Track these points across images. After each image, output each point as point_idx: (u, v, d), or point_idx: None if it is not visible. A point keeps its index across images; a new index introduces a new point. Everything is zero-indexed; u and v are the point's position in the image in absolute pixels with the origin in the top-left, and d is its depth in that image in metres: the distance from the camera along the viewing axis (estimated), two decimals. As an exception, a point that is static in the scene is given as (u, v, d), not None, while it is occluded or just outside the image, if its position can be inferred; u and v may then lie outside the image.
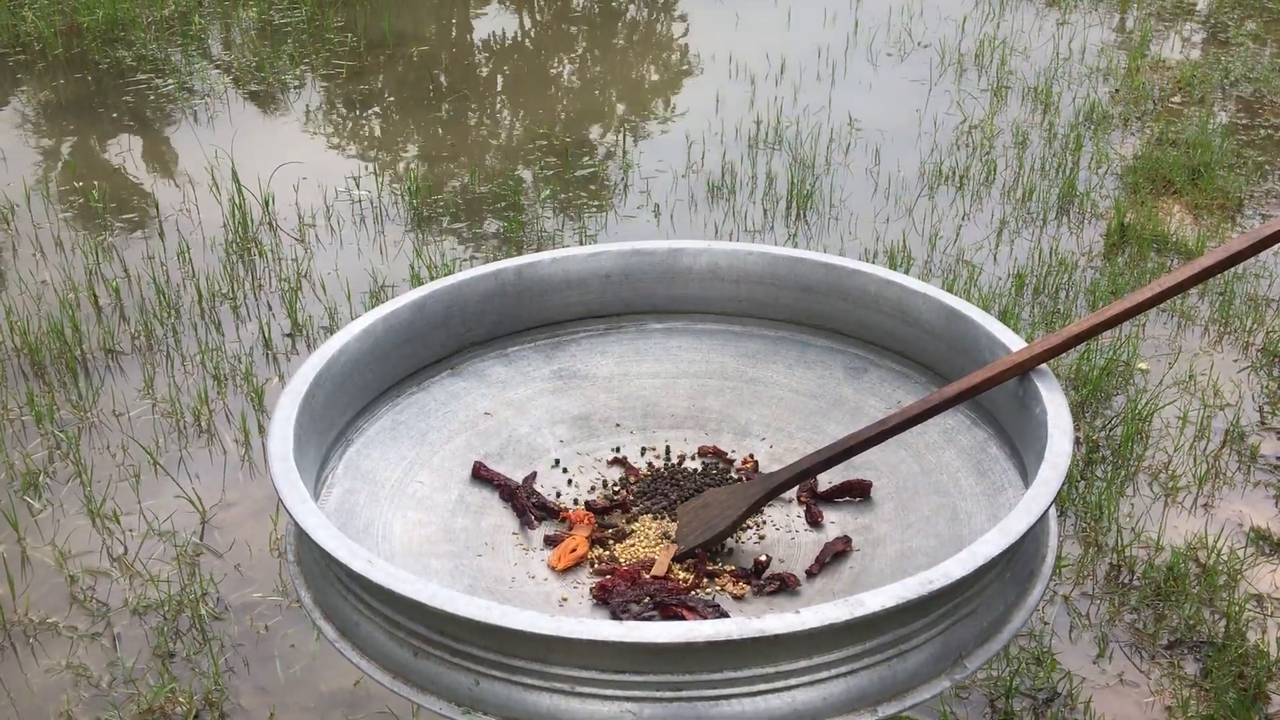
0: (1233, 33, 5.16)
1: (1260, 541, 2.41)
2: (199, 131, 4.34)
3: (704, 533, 1.49)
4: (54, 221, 3.72)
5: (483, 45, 5.32)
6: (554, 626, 1.13)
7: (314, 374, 1.51)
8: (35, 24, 5.16)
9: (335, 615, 1.35)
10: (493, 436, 1.70)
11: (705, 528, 1.50)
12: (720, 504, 1.52)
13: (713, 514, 1.51)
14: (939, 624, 1.24)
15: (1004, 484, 1.53)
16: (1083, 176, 3.91)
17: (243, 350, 3.06)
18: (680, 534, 1.51)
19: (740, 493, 1.52)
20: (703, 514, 1.52)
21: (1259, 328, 3.10)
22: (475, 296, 1.75)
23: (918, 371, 1.72)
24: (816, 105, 4.43)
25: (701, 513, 1.52)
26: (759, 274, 1.80)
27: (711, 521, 1.50)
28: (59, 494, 2.57)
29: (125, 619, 2.25)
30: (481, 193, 3.88)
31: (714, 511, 1.51)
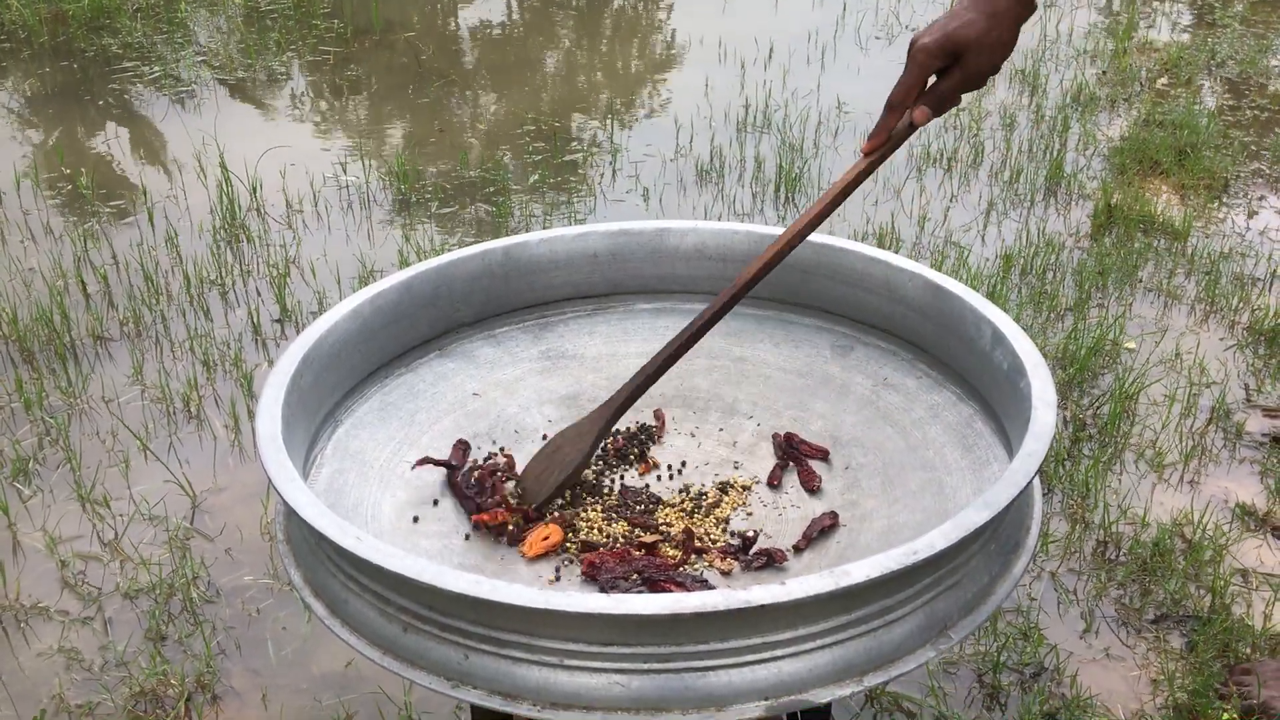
0: (1219, 15, 5.18)
1: (1245, 517, 2.43)
2: (186, 118, 4.33)
3: (560, 473, 1.49)
4: (42, 209, 3.71)
5: (470, 31, 5.31)
6: (542, 600, 1.14)
7: (302, 354, 1.51)
8: (20, 11, 5.13)
9: (325, 593, 1.35)
10: (481, 417, 1.70)
11: (561, 468, 1.49)
12: (571, 441, 1.52)
13: (565, 454, 1.50)
14: (924, 595, 1.25)
15: (989, 458, 1.54)
16: (1070, 158, 3.92)
17: (231, 336, 3.06)
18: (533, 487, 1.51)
19: (587, 423, 1.53)
20: (555, 458, 1.51)
21: (1245, 306, 3.12)
22: (463, 277, 1.75)
23: (904, 349, 1.73)
24: (805, 89, 4.44)
25: (554, 457, 1.51)
26: (746, 253, 1.81)
27: (565, 461, 1.50)
28: (49, 480, 2.57)
29: (116, 603, 2.25)
30: (469, 178, 3.88)
31: (566, 451, 1.51)
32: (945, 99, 1.43)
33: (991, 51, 1.38)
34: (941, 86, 1.42)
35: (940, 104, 1.43)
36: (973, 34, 1.37)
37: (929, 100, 1.43)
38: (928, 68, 1.40)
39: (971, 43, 1.37)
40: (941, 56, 1.39)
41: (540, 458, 1.55)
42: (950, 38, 1.37)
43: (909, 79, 1.41)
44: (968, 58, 1.38)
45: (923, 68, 1.40)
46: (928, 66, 1.40)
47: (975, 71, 1.39)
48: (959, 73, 1.40)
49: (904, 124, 1.44)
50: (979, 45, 1.37)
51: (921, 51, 1.39)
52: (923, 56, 1.39)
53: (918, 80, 1.41)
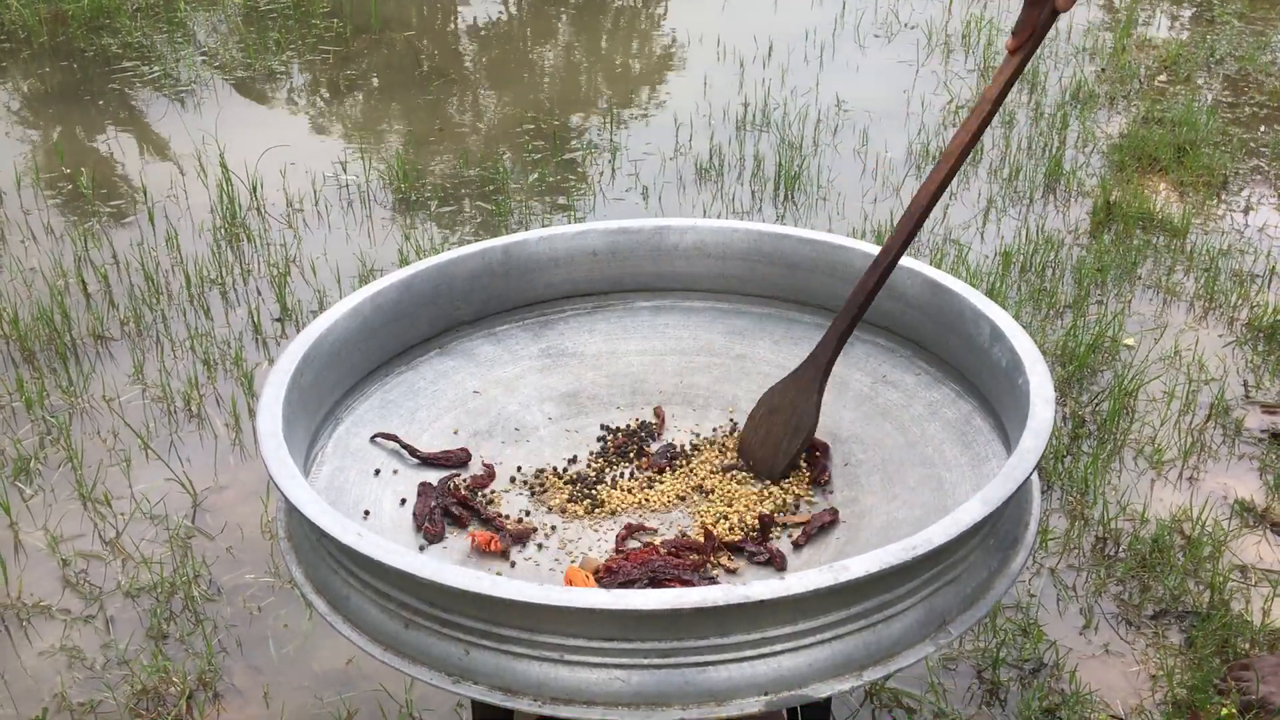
0: (1218, 11, 5.18)
1: (1244, 513, 2.44)
2: (186, 118, 4.33)
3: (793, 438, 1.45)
4: (43, 209, 3.72)
5: (469, 30, 5.31)
6: (542, 595, 1.15)
7: (303, 352, 1.52)
8: (20, 11, 5.14)
9: (326, 590, 1.36)
10: (481, 415, 1.71)
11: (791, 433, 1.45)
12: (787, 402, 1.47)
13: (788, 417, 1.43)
14: (923, 590, 1.25)
15: (988, 455, 1.54)
16: (1069, 155, 3.92)
17: (232, 335, 3.06)
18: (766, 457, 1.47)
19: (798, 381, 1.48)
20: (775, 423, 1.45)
21: (1244, 303, 3.12)
22: (463, 275, 1.76)
23: (904, 346, 1.74)
24: (804, 87, 4.44)
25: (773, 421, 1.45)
26: (745, 251, 1.81)
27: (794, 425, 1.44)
28: (50, 479, 2.57)
29: (118, 601, 2.26)
30: (469, 176, 3.89)
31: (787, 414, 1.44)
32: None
33: None
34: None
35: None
36: None
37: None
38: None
39: None
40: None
41: (756, 426, 1.50)
42: None
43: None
44: None
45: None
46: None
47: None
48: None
49: (1046, 14, 1.39)
50: None
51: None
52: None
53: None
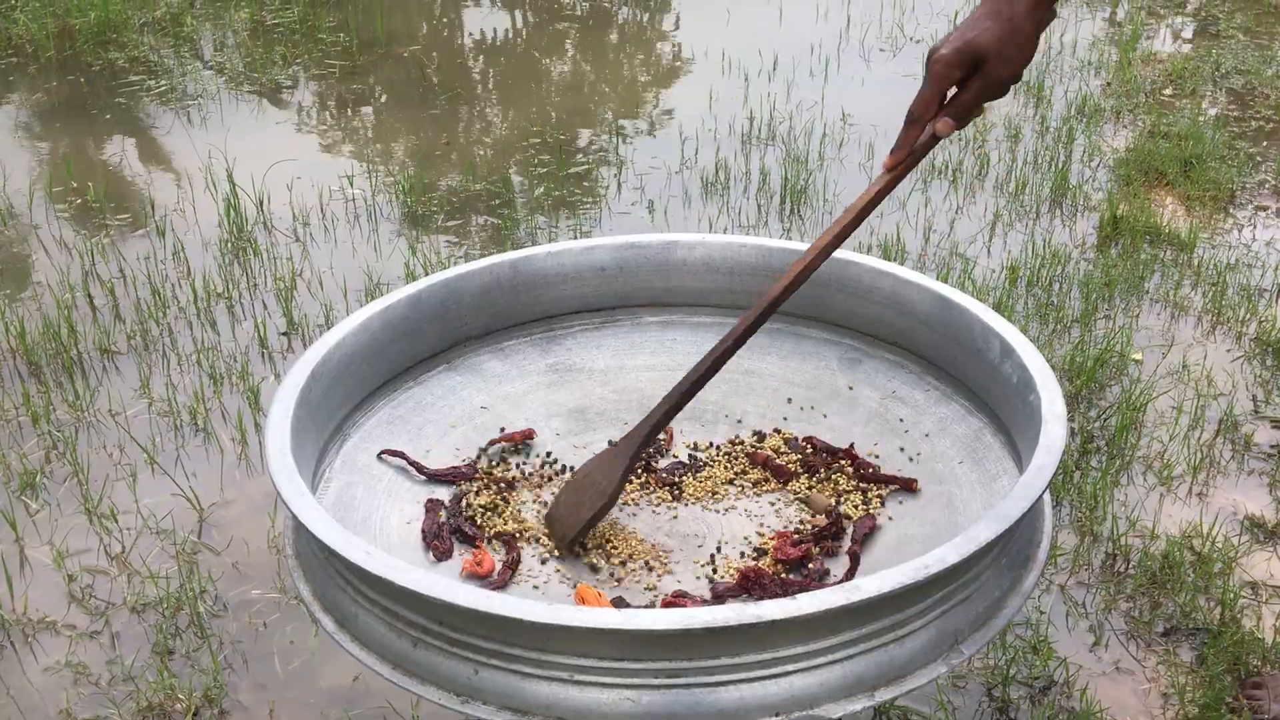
0: (1223, 25, 5.18)
1: (1255, 529, 2.42)
2: (193, 132, 4.34)
3: (590, 506, 1.46)
4: (50, 223, 3.72)
5: (475, 44, 5.32)
6: (552, 615, 1.14)
7: (311, 368, 1.52)
8: (27, 26, 5.15)
9: (334, 608, 1.35)
10: (489, 431, 1.70)
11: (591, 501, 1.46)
12: (598, 470, 1.49)
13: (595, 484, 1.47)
14: (935, 609, 1.24)
15: (999, 471, 1.54)
16: (1075, 169, 3.92)
17: (238, 349, 3.06)
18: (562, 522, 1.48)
19: (612, 454, 1.50)
20: (584, 490, 1.48)
21: (1252, 318, 3.11)
22: (471, 291, 1.75)
23: (913, 361, 1.73)
24: (809, 101, 4.44)
25: (582, 488, 1.48)
26: (753, 266, 1.81)
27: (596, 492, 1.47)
28: (56, 494, 2.57)
29: (124, 617, 2.25)
30: (475, 190, 3.89)
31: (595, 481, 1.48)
32: (967, 109, 1.39)
33: (1011, 59, 1.35)
34: (962, 97, 1.39)
35: (962, 114, 1.40)
36: (991, 41, 1.33)
37: (950, 111, 1.39)
38: (947, 78, 1.37)
39: (990, 50, 1.34)
40: (960, 66, 1.36)
41: (568, 490, 1.52)
42: (969, 45, 1.34)
43: (929, 91, 1.38)
44: (988, 66, 1.35)
45: (941, 79, 1.37)
46: (947, 77, 1.37)
47: (996, 79, 1.36)
48: (979, 82, 1.36)
49: (926, 137, 1.41)
50: (998, 52, 1.34)
51: (939, 62, 1.36)
52: (941, 67, 1.36)
53: (937, 92, 1.38)
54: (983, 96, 1.38)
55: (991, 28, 1.33)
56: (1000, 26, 1.33)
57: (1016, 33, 1.33)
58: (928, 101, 1.39)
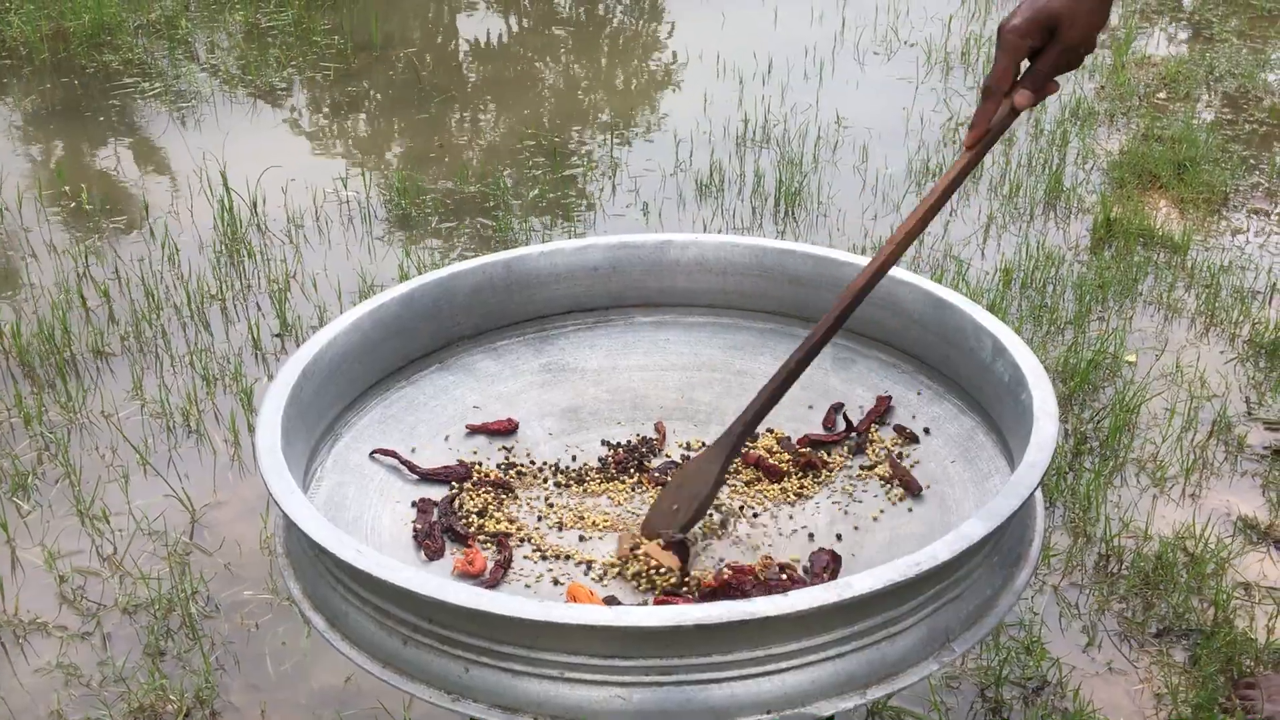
0: (1217, 29, 5.19)
1: (1248, 530, 2.42)
2: (187, 134, 4.33)
3: (688, 507, 1.46)
4: (43, 225, 3.71)
5: (469, 47, 5.32)
6: (542, 612, 1.14)
7: (302, 367, 1.51)
8: (21, 29, 5.15)
9: (325, 606, 1.35)
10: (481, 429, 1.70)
11: (688, 501, 1.46)
12: (695, 474, 1.49)
13: (692, 487, 1.47)
14: (927, 607, 1.24)
15: (991, 470, 1.54)
16: (1069, 172, 3.92)
17: (231, 350, 3.06)
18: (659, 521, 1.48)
19: (708, 456, 1.50)
20: (682, 492, 1.48)
21: (1245, 320, 3.12)
22: (463, 290, 1.75)
23: (905, 361, 1.73)
24: (804, 104, 4.45)
25: (680, 491, 1.48)
26: (746, 266, 1.81)
27: (692, 494, 1.47)
28: (48, 495, 2.56)
29: (115, 618, 2.25)
30: (469, 193, 3.89)
31: (693, 484, 1.48)
32: (1044, 78, 1.37)
33: (1086, 23, 1.33)
34: (1039, 66, 1.36)
35: (1039, 85, 1.37)
36: (1064, 6, 1.31)
37: (1028, 83, 1.37)
38: (1020, 49, 1.35)
39: (1064, 16, 1.32)
40: (1034, 35, 1.34)
41: (668, 492, 1.51)
42: (1042, 12, 1.32)
43: (1003, 62, 1.36)
44: (1062, 32, 1.33)
45: (1015, 50, 1.35)
46: (1020, 48, 1.35)
47: (1071, 45, 1.34)
48: (1055, 49, 1.34)
49: (1004, 111, 1.39)
50: (1072, 18, 1.32)
51: (1013, 32, 1.34)
52: (1014, 37, 1.34)
53: (1012, 63, 1.36)
54: (1059, 65, 1.36)
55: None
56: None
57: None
58: (1003, 73, 1.37)
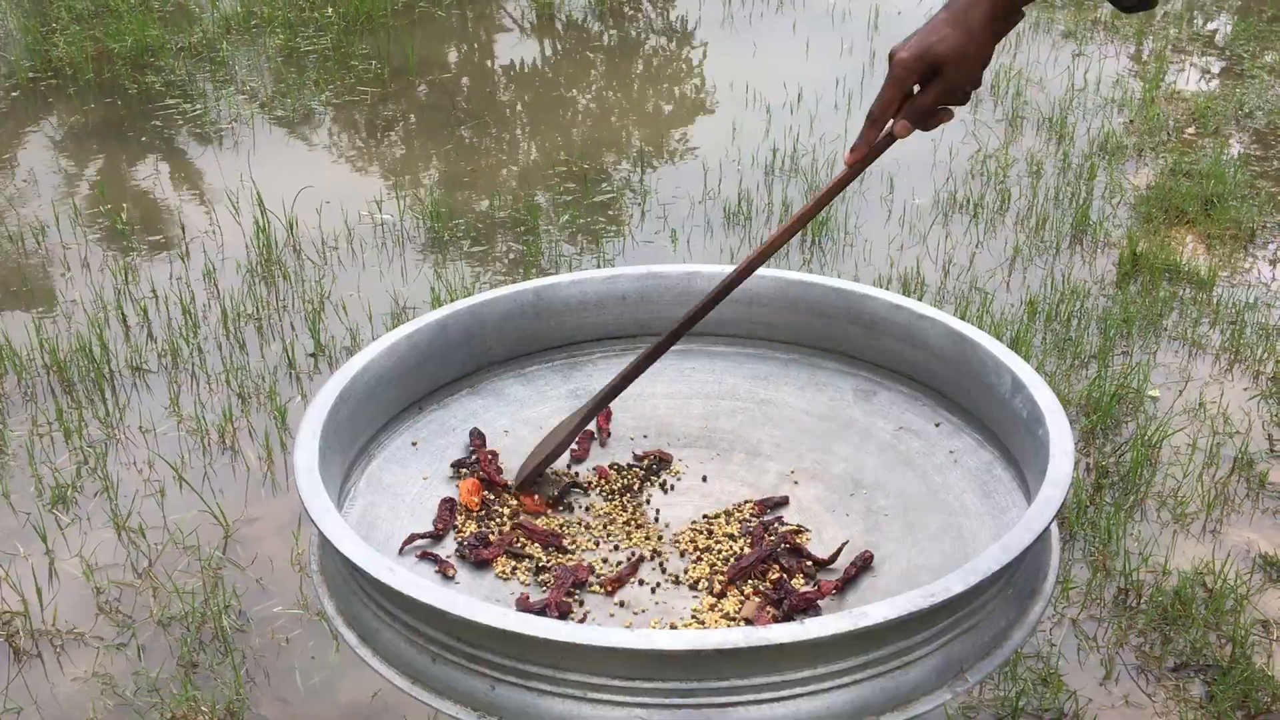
0: (1249, 65, 5.20)
1: (1268, 568, 2.44)
2: (225, 155, 4.42)
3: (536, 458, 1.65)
4: (82, 242, 3.80)
5: (503, 73, 5.40)
6: (568, 633, 1.18)
7: (339, 389, 1.56)
8: (66, 49, 5.27)
9: (356, 623, 1.39)
10: (511, 454, 1.74)
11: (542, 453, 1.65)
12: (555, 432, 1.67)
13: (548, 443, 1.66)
14: (941, 637, 1.27)
15: (1008, 504, 1.56)
16: (1096, 206, 3.94)
17: (266, 369, 3.12)
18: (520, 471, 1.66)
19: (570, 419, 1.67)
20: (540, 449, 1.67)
21: (1269, 357, 3.13)
22: (495, 317, 1.80)
23: (926, 394, 1.76)
24: (833, 134, 4.49)
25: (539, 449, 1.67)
26: (771, 297, 1.85)
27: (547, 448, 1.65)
28: (86, 507, 2.62)
29: (150, 630, 2.30)
30: (501, 217, 3.95)
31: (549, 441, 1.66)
32: (925, 112, 1.42)
33: (968, 66, 1.38)
34: (921, 100, 1.41)
35: (920, 117, 1.42)
36: (950, 48, 1.37)
37: (909, 114, 1.42)
38: (905, 81, 1.40)
39: (948, 58, 1.37)
40: (919, 70, 1.39)
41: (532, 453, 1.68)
42: (928, 51, 1.37)
43: (888, 92, 1.41)
44: (946, 71, 1.38)
45: (901, 81, 1.40)
46: (905, 80, 1.40)
47: (954, 85, 1.39)
48: (938, 86, 1.39)
49: (884, 136, 1.44)
50: (956, 59, 1.37)
51: (899, 65, 1.39)
52: (900, 70, 1.39)
53: (896, 94, 1.41)
54: (941, 100, 1.41)
55: (950, 35, 1.37)
56: (959, 35, 1.37)
57: (973, 41, 1.37)
58: (887, 103, 1.42)
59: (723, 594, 1.48)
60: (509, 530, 1.59)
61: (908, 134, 1.44)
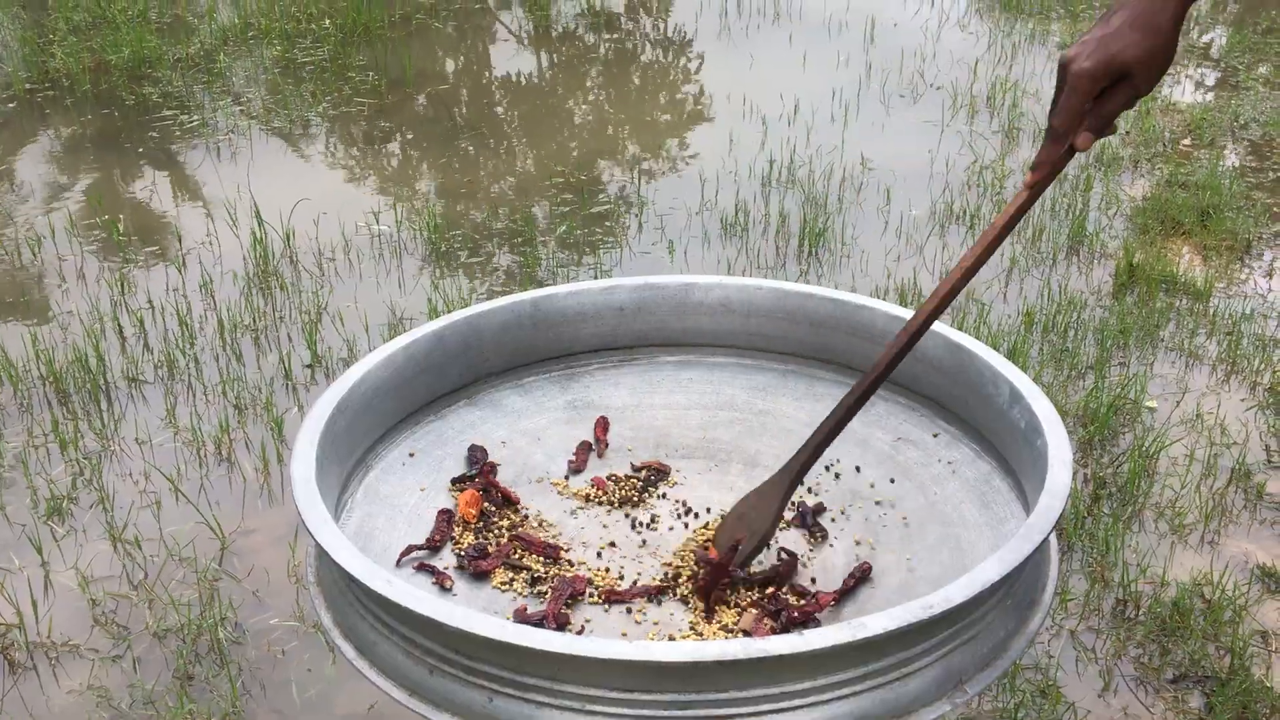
0: (1244, 76, 5.22)
1: (1266, 579, 2.43)
2: (222, 167, 4.42)
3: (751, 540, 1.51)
4: (78, 253, 3.80)
5: (501, 84, 5.41)
6: (565, 644, 1.17)
7: (336, 400, 1.56)
8: (64, 61, 5.27)
9: (353, 634, 1.39)
10: (508, 465, 1.74)
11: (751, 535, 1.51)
12: (755, 506, 1.53)
13: (753, 519, 1.51)
14: (940, 648, 1.27)
15: (1007, 515, 1.56)
16: (1092, 217, 3.95)
17: (263, 380, 3.11)
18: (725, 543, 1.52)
19: (770, 489, 1.54)
20: (741, 524, 1.52)
21: (1266, 368, 3.13)
22: (492, 328, 1.80)
23: (924, 405, 1.76)
24: (829, 146, 4.50)
25: (740, 523, 1.52)
26: (769, 308, 1.85)
27: (754, 527, 1.51)
28: (82, 519, 2.62)
29: (145, 642, 2.29)
30: (498, 228, 3.95)
31: (753, 517, 1.51)
32: (1109, 121, 1.35)
33: (1159, 70, 1.31)
34: (1107, 109, 1.34)
35: (1103, 126, 1.35)
36: (1140, 55, 1.29)
37: (1092, 124, 1.35)
38: (1090, 92, 1.32)
39: (1138, 64, 1.30)
40: (1104, 79, 1.31)
41: (729, 522, 1.55)
42: (1115, 60, 1.29)
43: (1074, 105, 1.33)
44: (1136, 78, 1.31)
45: (1086, 93, 1.32)
46: (1090, 91, 1.32)
47: (1143, 91, 1.32)
48: (1125, 93, 1.32)
49: (1064, 151, 1.37)
50: (1147, 65, 1.30)
51: (1084, 77, 1.31)
52: (1085, 82, 1.31)
53: (1080, 105, 1.33)
54: (1126, 107, 1.35)
55: (1138, 40, 1.29)
56: (1148, 39, 1.29)
57: (1165, 44, 1.30)
58: (1073, 115, 1.34)
59: (710, 613, 1.47)
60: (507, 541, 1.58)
61: (1089, 146, 1.36)
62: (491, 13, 6.24)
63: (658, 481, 1.72)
